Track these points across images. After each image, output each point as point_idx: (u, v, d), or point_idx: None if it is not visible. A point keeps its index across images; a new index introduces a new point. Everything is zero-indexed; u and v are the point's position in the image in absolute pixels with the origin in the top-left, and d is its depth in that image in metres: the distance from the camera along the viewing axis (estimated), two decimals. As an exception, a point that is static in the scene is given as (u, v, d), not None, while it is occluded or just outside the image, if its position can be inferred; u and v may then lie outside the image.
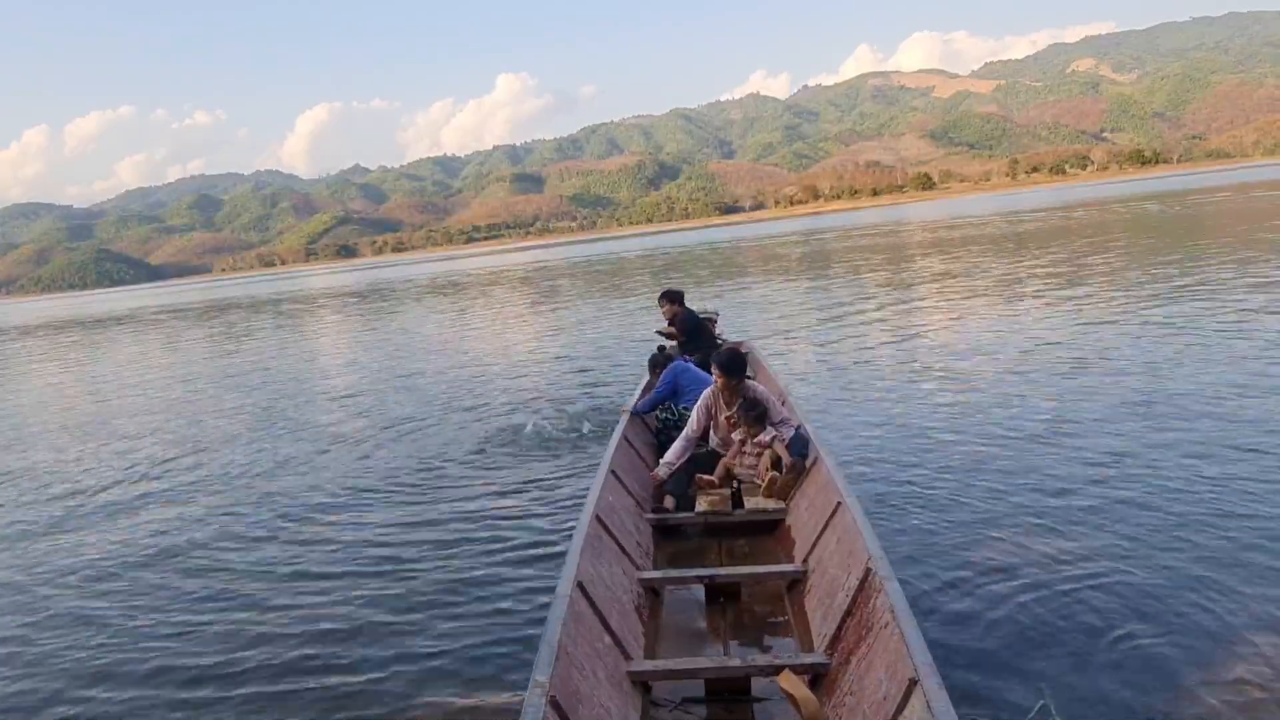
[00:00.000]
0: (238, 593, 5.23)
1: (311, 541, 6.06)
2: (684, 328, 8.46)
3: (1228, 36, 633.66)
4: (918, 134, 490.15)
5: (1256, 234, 23.15)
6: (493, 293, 36.00)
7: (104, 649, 4.65)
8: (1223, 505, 5.00)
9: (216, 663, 4.31)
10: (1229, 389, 7.54)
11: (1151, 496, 5.25)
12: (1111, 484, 5.55)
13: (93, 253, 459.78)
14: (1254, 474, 5.44)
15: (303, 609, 4.86)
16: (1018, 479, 5.82)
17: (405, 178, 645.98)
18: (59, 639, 4.85)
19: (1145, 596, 4.02)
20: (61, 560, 6.23)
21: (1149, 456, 6.00)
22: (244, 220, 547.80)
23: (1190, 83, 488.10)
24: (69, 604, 5.35)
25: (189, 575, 5.62)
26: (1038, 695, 3.26)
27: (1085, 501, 5.28)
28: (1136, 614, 3.87)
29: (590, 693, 2.85)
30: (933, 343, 11.74)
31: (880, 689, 2.74)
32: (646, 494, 5.29)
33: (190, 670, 4.27)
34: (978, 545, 4.77)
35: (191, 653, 4.46)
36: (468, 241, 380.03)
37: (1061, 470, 5.91)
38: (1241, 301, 11.99)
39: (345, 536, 6.08)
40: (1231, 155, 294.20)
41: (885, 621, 2.95)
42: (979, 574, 4.40)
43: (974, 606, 4.07)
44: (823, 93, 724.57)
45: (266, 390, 13.91)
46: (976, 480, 5.87)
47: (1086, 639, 3.69)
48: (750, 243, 61.02)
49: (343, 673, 4.07)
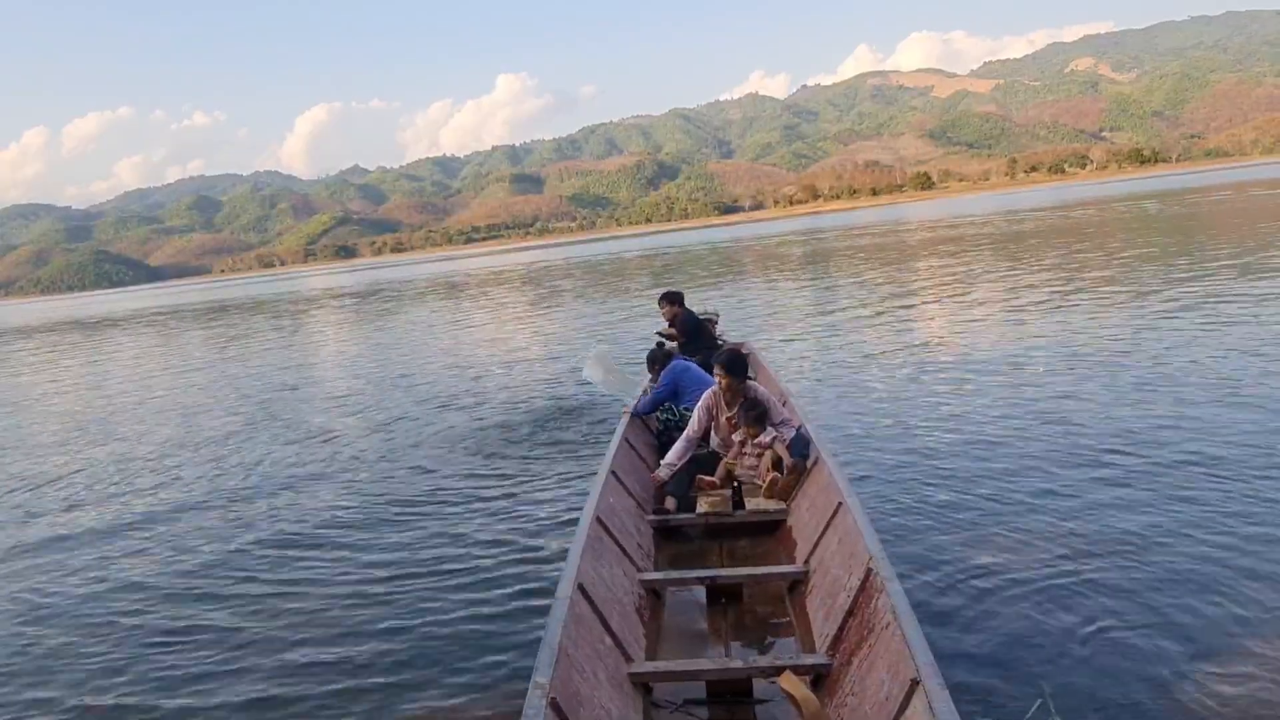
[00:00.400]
0: (233, 594, 5.21)
1: (309, 543, 6.04)
2: (684, 329, 8.46)
3: (1226, 35, 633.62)
4: (916, 134, 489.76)
5: (1255, 232, 23.16)
6: (493, 293, 35.96)
7: (100, 653, 4.62)
8: (1226, 504, 4.98)
9: (213, 665, 4.30)
10: (1232, 386, 7.54)
11: (1155, 495, 5.24)
12: (1114, 483, 5.54)
13: (91, 254, 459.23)
14: (1258, 472, 5.42)
15: (300, 610, 4.84)
16: (1019, 478, 5.82)
17: (404, 178, 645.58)
18: (53, 643, 4.82)
19: (1148, 596, 4.01)
20: (48, 568, 6.22)
21: (1152, 454, 6.00)
22: (243, 221, 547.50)
23: (1189, 82, 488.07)
24: (62, 608, 5.31)
25: (183, 576, 5.61)
26: (1037, 694, 3.27)
27: (1087, 501, 5.26)
28: (1138, 614, 3.86)
29: (591, 694, 2.85)
30: (934, 343, 11.73)
31: (882, 689, 2.74)
32: (647, 495, 5.27)
33: (186, 673, 4.25)
34: (980, 545, 4.77)
35: (187, 655, 4.44)
36: (467, 242, 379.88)
37: (1063, 469, 5.90)
38: (1243, 299, 11.99)
39: (343, 539, 6.06)
40: (1230, 154, 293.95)
41: (887, 622, 2.95)
42: (981, 574, 4.40)
43: (976, 606, 4.06)
44: (821, 92, 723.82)
45: (266, 390, 13.89)
46: (978, 480, 5.86)
47: (1087, 638, 3.69)
48: (750, 243, 60.94)
49: (342, 674, 4.06)
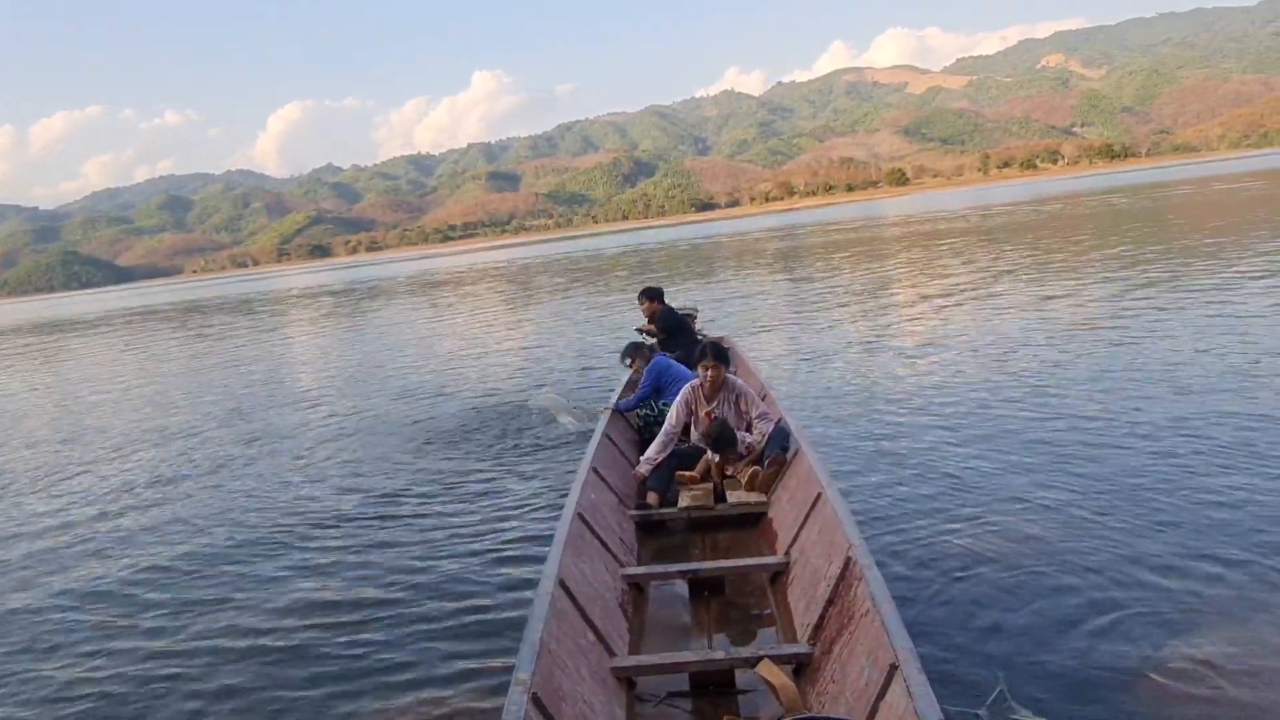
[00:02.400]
0: (214, 597, 5.17)
1: (289, 542, 5.99)
2: (663, 325, 8.43)
3: (1193, 32, 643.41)
4: (891, 130, 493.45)
5: (1218, 226, 23.53)
6: (471, 290, 35.76)
7: (80, 653, 4.61)
8: (1206, 491, 5.01)
9: (202, 667, 4.29)
10: (1214, 373, 7.62)
11: (1132, 481, 5.28)
12: (1091, 470, 5.56)
13: (60, 255, 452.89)
14: (1236, 460, 5.42)
15: (280, 610, 4.85)
16: (996, 465, 5.88)
17: (379, 177, 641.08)
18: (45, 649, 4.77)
19: (1123, 578, 4.07)
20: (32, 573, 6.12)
21: (1129, 441, 6.07)
22: (215, 221, 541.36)
23: (1158, 78, 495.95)
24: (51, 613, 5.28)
25: (169, 575, 5.60)
26: (1012, 676, 3.32)
27: (1064, 487, 5.29)
28: (1113, 596, 3.92)
29: (574, 689, 2.85)
30: (912, 334, 11.82)
31: (862, 675, 2.77)
32: (629, 490, 5.29)
33: (177, 675, 4.25)
34: (958, 531, 4.81)
35: (175, 657, 4.43)
36: (443, 240, 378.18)
37: (1040, 457, 5.96)
38: (1217, 288, 12.18)
39: (320, 536, 6.01)
40: (1198, 149, 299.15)
41: (866, 609, 2.98)
42: (959, 559, 4.44)
43: (954, 591, 4.11)
44: (797, 89, 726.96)
45: (246, 390, 13.72)
46: (956, 468, 5.91)
47: (1063, 621, 3.73)
48: (728, 239, 61.10)
49: (321, 671, 4.07)
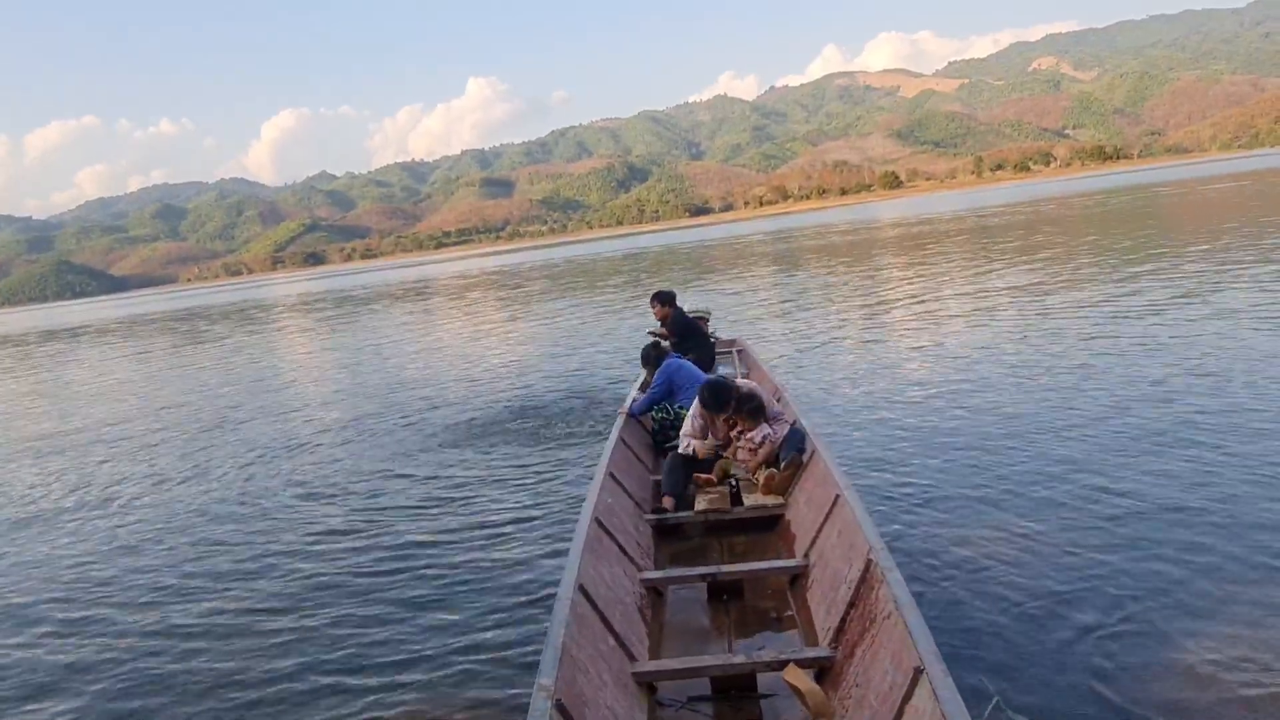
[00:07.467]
0: (234, 596, 5.19)
1: (310, 548, 5.95)
2: (675, 329, 8.45)
3: (1184, 34, 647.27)
4: (884, 133, 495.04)
5: (1211, 225, 23.60)
6: (470, 296, 35.73)
7: (84, 657, 4.62)
8: (1229, 496, 4.94)
9: (215, 667, 4.29)
10: (1229, 380, 7.53)
11: (1155, 485, 5.21)
12: (1114, 471, 5.53)
13: (53, 265, 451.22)
14: (1260, 465, 5.34)
15: (302, 612, 4.85)
16: (1016, 467, 5.84)
17: (373, 184, 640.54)
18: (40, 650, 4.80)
19: (1146, 582, 4.03)
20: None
21: (1153, 444, 5.99)
22: (209, 229, 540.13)
23: (1149, 80, 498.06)
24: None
25: (181, 577, 5.58)
26: (1038, 681, 3.29)
27: (1085, 489, 5.25)
28: (1136, 599, 3.88)
29: (595, 695, 2.85)
30: (926, 335, 11.79)
31: (886, 679, 2.75)
32: (645, 495, 5.29)
33: (186, 675, 4.25)
34: (979, 534, 4.77)
35: (189, 658, 4.44)
36: (438, 247, 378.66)
37: (1060, 458, 5.92)
38: (1219, 288, 12.19)
39: (343, 542, 5.97)
40: (1190, 150, 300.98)
41: (888, 612, 2.96)
42: (981, 562, 4.40)
43: (977, 594, 4.07)
44: (790, 93, 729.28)
45: (257, 394, 13.66)
46: (975, 469, 5.88)
47: (1084, 628, 3.69)
48: (725, 243, 61.12)
49: (342, 676, 4.06)
